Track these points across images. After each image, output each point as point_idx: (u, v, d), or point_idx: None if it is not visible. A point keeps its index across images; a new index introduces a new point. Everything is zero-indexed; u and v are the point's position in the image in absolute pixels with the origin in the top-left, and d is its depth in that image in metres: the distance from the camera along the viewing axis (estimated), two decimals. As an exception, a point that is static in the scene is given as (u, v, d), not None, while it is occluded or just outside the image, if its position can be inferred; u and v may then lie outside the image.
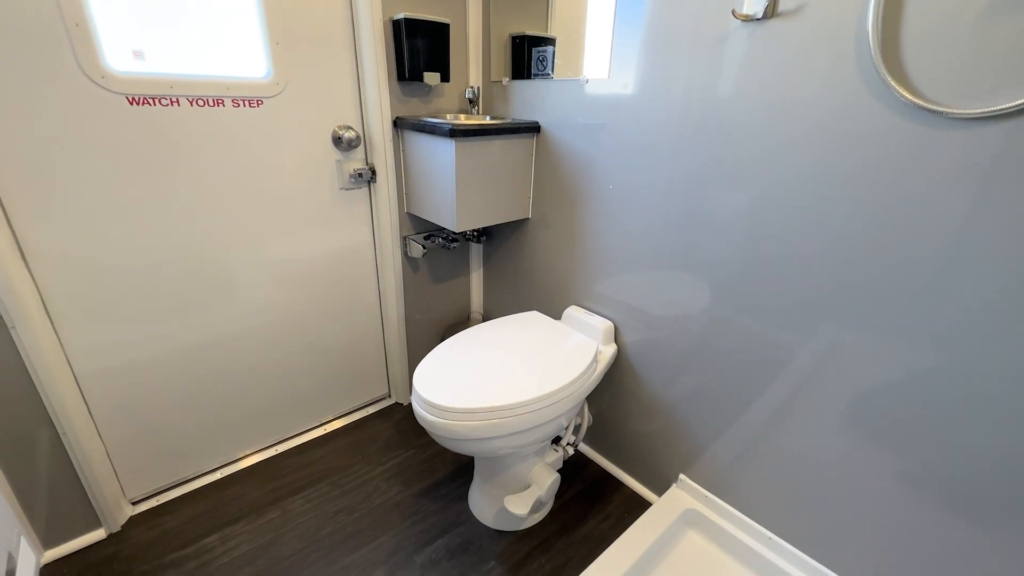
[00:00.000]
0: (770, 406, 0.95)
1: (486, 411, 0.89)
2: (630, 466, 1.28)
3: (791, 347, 0.89)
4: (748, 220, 0.88)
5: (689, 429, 1.11)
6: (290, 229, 1.20)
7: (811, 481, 0.92)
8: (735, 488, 1.05)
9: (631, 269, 1.11)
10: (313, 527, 1.13)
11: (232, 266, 1.14)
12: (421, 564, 1.05)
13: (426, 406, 0.91)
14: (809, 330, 0.87)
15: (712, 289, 0.97)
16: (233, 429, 1.28)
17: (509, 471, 1.09)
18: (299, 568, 1.03)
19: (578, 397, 1.01)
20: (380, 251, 1.37)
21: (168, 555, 1.05)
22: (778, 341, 0.91)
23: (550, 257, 1.31)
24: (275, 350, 1.28)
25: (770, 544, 1.00)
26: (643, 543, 1.01)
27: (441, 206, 1.19)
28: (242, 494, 1.21)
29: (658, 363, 1.13)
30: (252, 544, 1.08)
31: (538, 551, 1.09)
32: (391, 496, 1.22)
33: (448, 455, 1.36)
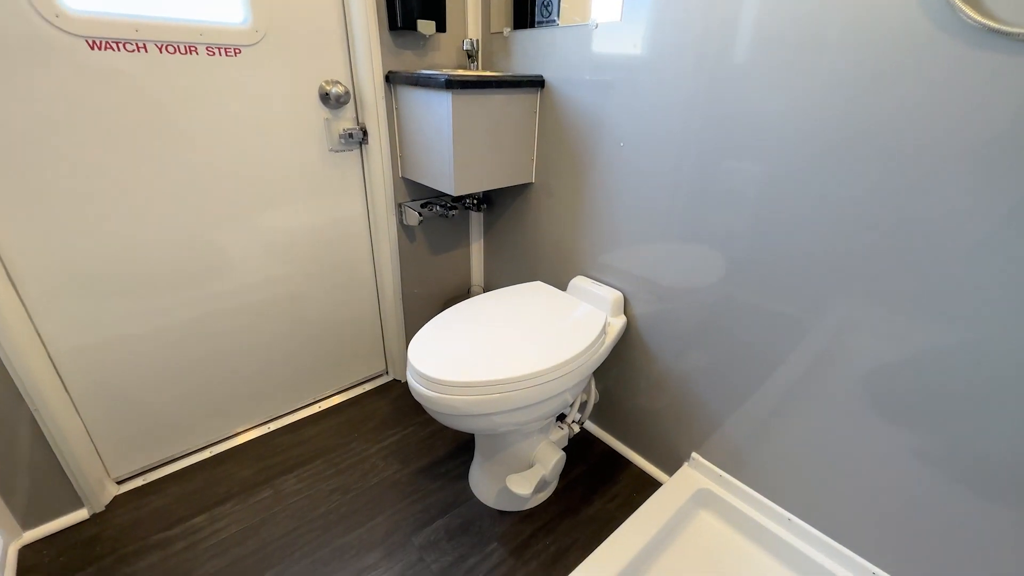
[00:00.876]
0: (787, 382, 0.88)
1: (486, 385, 0.82)
2: (639, 444, 1.22)
3: (807, 323, 0.83)
4: (765, 183, 0.80)
5: (702, 405, 1.04)
6: (275, 194, 1.11)
7: (831, 460, 0.86)
8: (751, 467, 0.99)
9: (641, 238, 1.03)
10: (306, 507, 1.07)
11: (216, 236, 1.06)
12: (419, 545, 1.00)
13: (422, 380, 0.84)
14: (826, 306, 0.80)
15: (726, 258, 0.89)
16: (223, 407, 1.22)
17: (511, 449, 1.03)
18: (291, 549, 0.98)
19: (585, 371, 0.94)
20: (374, 219, 1.29)
21: (154, 535, 1.00)
22: (794, 316, 0.83)
23: (555, 225, 1.23)
24: (265, 324, 1.21)
25: (789, 525, 0.94)
26: (654, 524, 0.95)
27: (438, 168, 1.10)
28: (232, 473, 1.16)
29: (669, 336, 1.05)
30: (242, 524, 1.03)
31: (542, 532, 1.04)
32: (388, 475, 1.17)
33: (448, 433, 1.30)
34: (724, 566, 0.94)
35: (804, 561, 0.91)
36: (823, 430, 0.86)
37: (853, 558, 0.86)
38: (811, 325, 0.83)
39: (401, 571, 0.95)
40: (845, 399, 0.82)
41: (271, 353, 1.26)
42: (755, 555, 0.96)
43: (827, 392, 0.83)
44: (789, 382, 0.88)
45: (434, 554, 0.98)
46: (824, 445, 0.86)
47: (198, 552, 0.97)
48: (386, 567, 0.95)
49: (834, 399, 0.83)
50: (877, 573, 0.83)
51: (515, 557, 0.98)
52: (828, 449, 0.86)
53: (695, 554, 0.96)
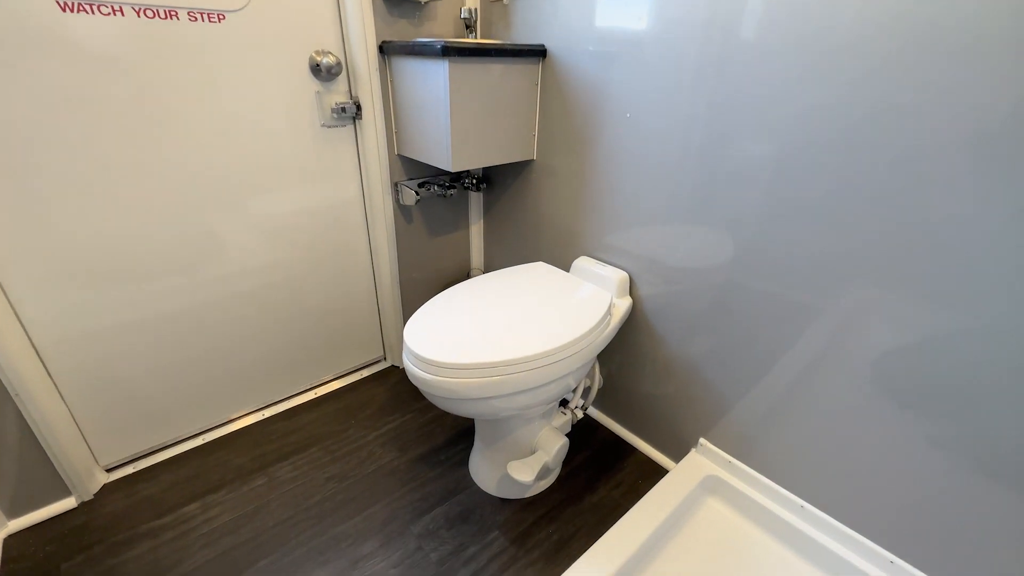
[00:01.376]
0: (799, 366, 0.84)
1: (486, 367, 0.78)
2: (644, 431, 1.19)
3: (819, 307, 0.79)
4: (775, 164, 0.75)
5: (710, 390, 1.00)
6: (264, 173, 1.06)
7: (844, 446, 0.82)
8: (762, 452, 0.95)
9: (648, 218, 0.98)
10: (301, 495, 1.04)
11: (205, 219, 1.01)
12: (418, 534, 0.96)
13: (418, 362, 0.80)
14: (839, 291, 0.76)
15: (736, 240, 0.85)
16: (216, 393, 1.18)
17: (513, 435, 0.99)
18: (285, 538, 0.95)
19: (589, 354, 0.90)
20: (369, 198, 1.24)
21: (144, 524, 0.97)
22: (806, 301, 0.79)
23: (557, 205, 1.18)
24: (259, 310, 1.17)
25: (802, 513, 0.90)
26: (661, 512, 0.92)
27: (434, 143, 1.05)
28: (226, 460, 1.12)
29: (677, 318, 1.01)
30: (235, 513, 1.00)
31: (544, 520, 1.00)
32: (386, 462, 1.13)
33: (447, 419, 1.27)
34: (734, 555, 0.91)
35: (817, 550, 0.87)
36: (836, 415, 0.82)
37: (869, 546, 0.82)
38: (823, 309, 0.78)
39: (399, 560, 0.91)
40: (858, 383, 0.77)
41: (265, 339, 1.22)
42: (766, 543, 0.93)
43: (840, 377, 0.79)
44: (801, 366, 0.84)
45: (433, 543, 0.95)
46: (837, 430, 0.82)
47: (189, 541, 0.94)
48: (383, 556, 0.92)
49: (847, 383, 0.79)
50: (896, 561, 0.80)
51: (517, 546, 0.95)
52: (841, 434, 0.82)
53: (703, 542, 0.93)
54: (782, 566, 0.89)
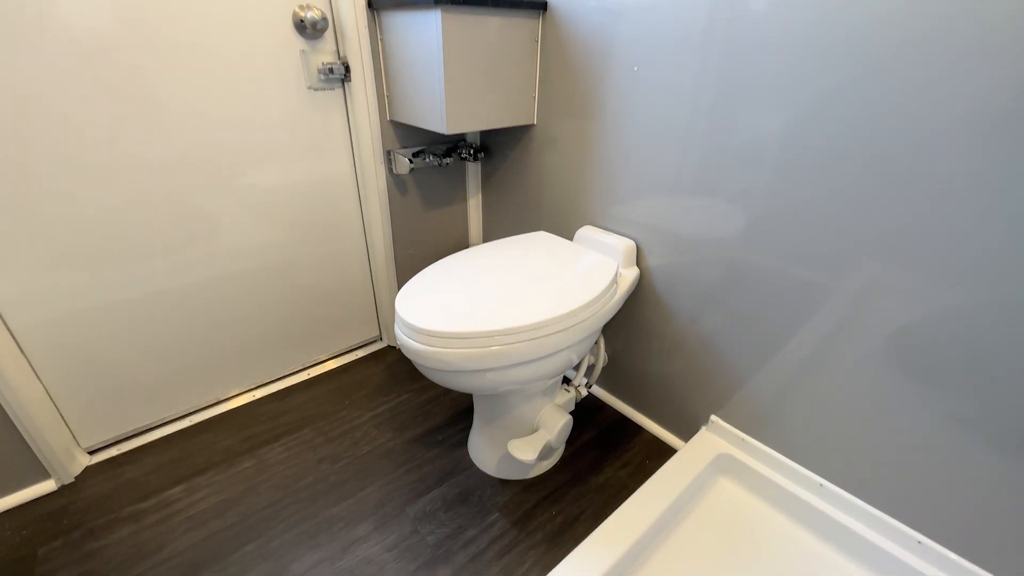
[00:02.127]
0: (816, 337, 0.78)
1: (482, 336, 0.72)
2: (651, 409, 1.13)
3: (834, 280, 0.73)
4: (786, 133, 0.68)
5: (723, 364, 0.94)
6: (247, 140, 1.00)
7: (867, 421, 0.76)
8: (778, 429, 0.89)
9: (656, 184, 0.92)
10: (292, 477, 0.99)
11: (189, 194, 0.95)
12: (414, 516, 0.91)
13: (410, 332, 0.75)
14: (854, 264, 0.70)
15: (748, 202, 0.78)
16: (204, 374, 1.13)
17: (513, 413, 0.94)
18: (274, 522, 0.90)
19: (594, 325, 0.84)
20: (360, 167, 1.18)
21: (126, 508, 0.92)
22: (822, 272, 0.73)
23: (559, 174, 1.11)
24: (247, 288, 1.11)
25: (821, 492, 0.85)
26: (670, 492, 0.86)
27: (428, 104, 0.99)
28: (213, 442, 1.07)
29: (686, 291, 0.95)
30: (221, 496, 0.95)
31: (547, 502, 0.95)
32: (381, 443, 1.08)
33: (445, 399, 1.22)
34: (748, 537, 0.86)
35: (839, 530, 0.82)
36: (857, 388, 0.76)
37: (895, 526, 0.77)
38: (838, 283, 0.72)
39: (394, 543, 0.87)
40: (878, 357, 0.71)
41: (254, 318, 1.16)
42: (782, 525, 0.87)
43: (859, 349, 0.73)
44: (818, 337, 0.78)
45: (430, 525, 0.90)
46: (858, 405, 0.77)
47: (173, 524, 0.89)
48: (377, 539, 0.87)
49: (867, 356, 0.73)
50: (924, 542, 0.74)
51: (518, 528, 0.90)
52: (863, 409, 0.76)
53: (716, 524, 0.88)
54: (800, 548, 0.84)
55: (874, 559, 0.79)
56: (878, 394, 0.74)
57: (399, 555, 0.85)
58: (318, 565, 0.83)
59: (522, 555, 0.85)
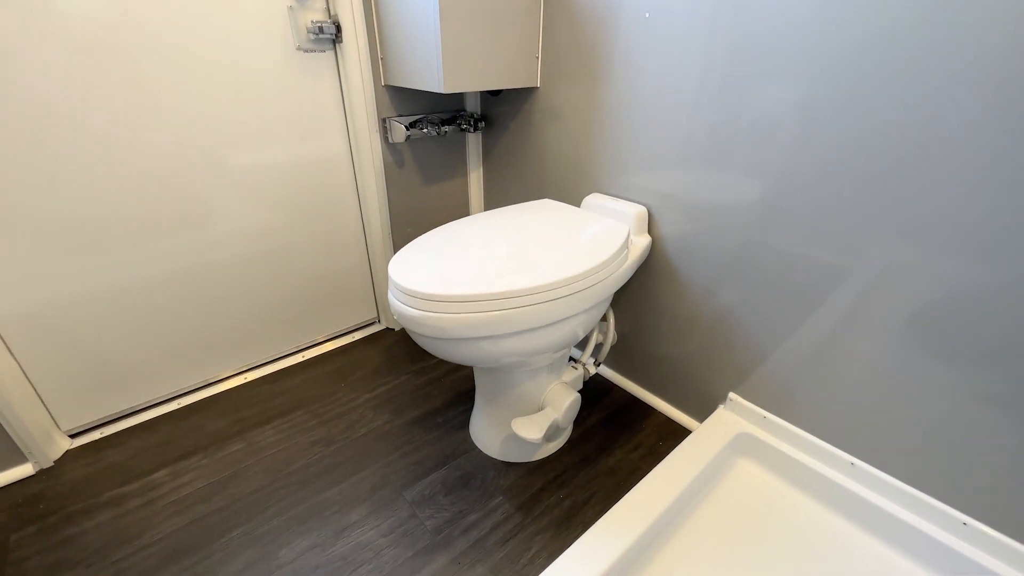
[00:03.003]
0: (843, 305, 0.71)
1: (483, 300, 0.66)
2: (664, 389, 1.06)
3: (858, 253, 0.65)
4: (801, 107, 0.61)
5: (742, 339, 0.87)
6: (233, 108, 0.94)
7: (902, 394, 0.70)
8: (804, 405, 0.83)
9: (670, 147, 0.85)
10: (283, 460, 0.94)
11: (172, 170, 0.89)
12: (412, 500, 0.86)
13: (404, 296, 0.69)
14: (878, 237, 0.63)
15: (766, 161, 0.71)
16: (192, 355, 1.08)
17: (518, 390, 0.88)
18: (262, 506, 0.84)
19: (602, 292, 0.78)
20: (354, 137, 1.11)
21: (106, 492, 0.87)
22: (846, 242, 0.66)
23: (564, 142, 1.05)
24: (238, 268, 1.06)
25: (852, 472, 0.78)
26: (686, 473, 0.80)
27: (423, 62, 0.92)
28: (201, 425, 1.02)
29: (702, 262, 0.88)
30: (208, 479, 0.89)
31: (554, 485, 0.89)
32: (378, 425, 1.02)
33: (446, 381, 1.16)
34: (773, 521, 0.79)
35: (873, 513, 0.75)
36: (889, 360, 0.69)
37: (936, 506, 0.70)
38: (862, 255, 0.65)
39: (390, 529, 0.81)
40: (908, 325, 0.65)
41: (245, 298, 1.10)
42: (810, 508, 0.81)
43: (888, 320, 0.67)
44: (846, 305, 0.71)
45: (429, 509, 0.84)
46: (892, 377, 0.70)
47: (156, 509, 0.84)
48: (372, 524, 0.81)
49: (896, 326, 0.66)
50: (970, 523, 0.68)
51: (523, 512, 0.84)
52: (896, 382, 0.70)
53: (737, 507, 0.81)
54: (830, 532, 0.77)
55: (913, 542, 0.72)
56: (913, 365, 0.68)
57: (396, 540, 0.79)
58: (309, 551, 0.77)
59: (527, 540, 0.79)
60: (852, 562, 0.73)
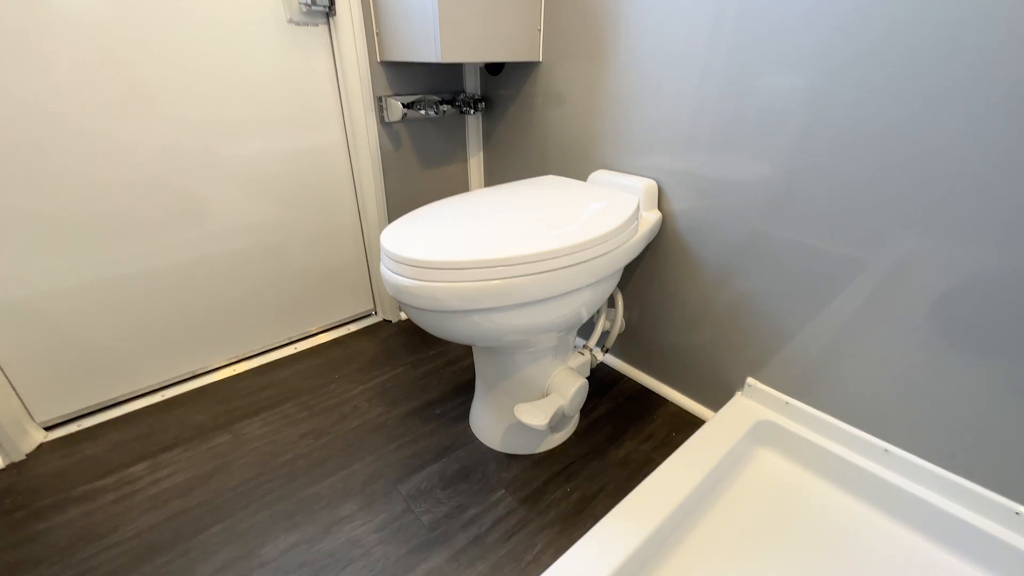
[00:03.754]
0: (873, 281, 0.65)
1: (482, 267, 0.60)
2: (676, 378, 1.00)
3: (883, 236, 0.59)
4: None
5: (761, 322, 0.82)
6: (221, 82, 0.90)
7: (936, 373, 0.64)
8: (830, 389, 0.76)
9: (681, 123, 0.80)
10: (270, 453, 0.88)
11: (157, 147, 0.85)
12: (407, 494, 0.79)
13: (396, 265, 0.63)
14: (905, 218, 0.56)
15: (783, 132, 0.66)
16: (179, 345, 1.02)
17: (520, 375, 0.82)
18: (245, 500, 0.78)
19: (610, 264, 0.72)
20: (349, 115, 1.07)
21: (79, 487, 0.81)
22: (870, 224, 0.60)
23: (569, 120, 1.00)
24: (228, 255, 1.01)
25: (886, 459, 0.72)
26: (705, 461, 0.74)
27: (420, 31, 0.88)
28: (186, 418, 0.96)
29: (716, 241, 0.83)
30: (189, 473, 0.83)
31: (560, 478, 0.83)
32: (372, 417, 0.96)
33: (445, 372, 1.10)
34: (801, 516, 0.72)
35: (912, 504, 0.69)
36: (927, 334, 0.63)
37: (987, 496, 0.64)
38: (886, 239, 0.60)
39: (383, 524, 0.74)
40: (944, 303, 0.59)
41: (235, 288, 1.05)
42: (841, 501, 0.74)
43: (923, 294, 0.61)
44: (876, 281, 0.66)
45: (425, 504, 0.78)
46: (929, 354, 0.64)
47: (131, 504, 0.77)
48: (364, 519, 0.75)
49: (931, 301, 0.60)
50: (1022, 512, 0.61)
51: (527, 506, 0.77)
52: (935, 359, 0.64)
53: (760, 502, 0.75)
54: (864, 527, 0.70)
55: (957, 535, 0.65)
56: (955, 340, 0.61)
57: (389, 536, 0.72)
58: (294, 548, 0.71)
59: (532, 536, 0.72)
60: (889, 557, 0.66)
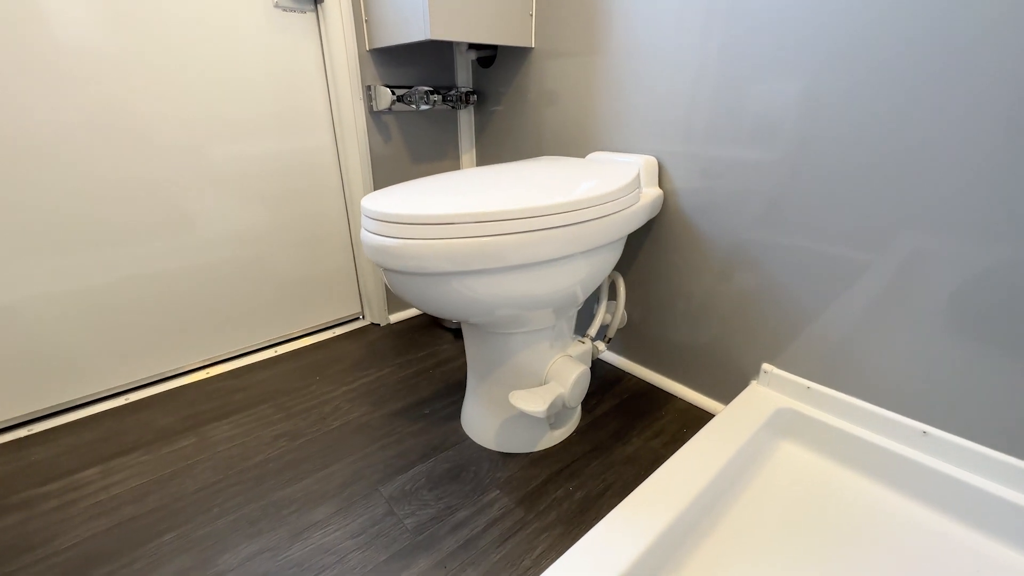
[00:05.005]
0: (905, 254, 0.60)
1: (469, 221, 0.55)
2: (683, 373, 0.93)
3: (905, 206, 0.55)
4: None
5: (775, 303, 0.76)
6: (205, 64, 0.87)
7: (981, 345, 0.58)
8: (858, 371, 0.70)
9: (680, 104, 0.77)
10: (238, 456, 0.79)
11: (141, 141, 0.81)
12: (389, 496, 0.71)
13: (376, 224, 0.57)
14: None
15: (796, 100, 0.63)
16: (147, 346, 0.95)
17: (516, 361, 0.75)
18: (205, 506, 0.69)
19: (609, 231, 0.66)
20: (336, 105, 1.04)
21: (18, 494, 0.71)
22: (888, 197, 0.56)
23: (563, 107, 0.97)
24: (206, 253, 0.95)
25: (924, 442, 0.64)
26: (720, 453, 0.66)
27: (408, 8, 0.86)
28: (149, 421, 0.88)
29: (724, 218, 0.78)
30: (145, 478, 0.74)
31: (562, 476, 0.74)
32: (355, 417, 0.88)
33: (436, 373, 1.02)
34: (833, 514, 0.64)
35: (957, 491, 0.61)
36: (964, 304, 0.57)
37: (1042, 477, 0.56)
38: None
39: (361, 528, 0.65)
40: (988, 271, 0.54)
41: (210, 287, 0.99)
42: (877, 494, 0.66)
43: (965, 259, 0.56)
44: (907, 254, 0.61)
45: (409, 506, 0.69)
46: (972, 322, 0.58)
47: (75, 511, 0.68)
48: (339, 524, 0.66)
49: (976, 265, 0.55)
50: (1091, 494, 0.53)
51: (524, 507, 0.69)
52: (978, 327, 0.57)
53: (786, 500, 0.67)
54: (906, 519, 0.62)
55: (1012, 523, 0.57)
56: (996, 310, 0.56)
57: (367, 542, 0.63)
58: (256, 556, 0.61)
59: (531, 539, 0.64)
60: (935, 550, 0.58)
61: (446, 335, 1.18)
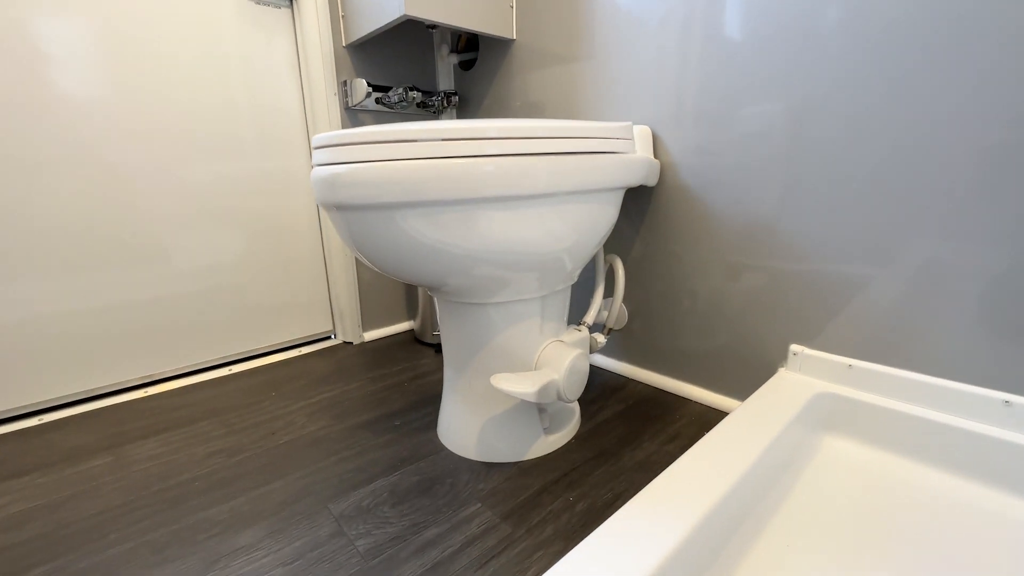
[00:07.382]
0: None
1: (433, 139, 0.46)
2: (697, 374, 0.80)
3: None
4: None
5: (803, 274, 0.66)
6: (174, 63, 0.82)
7: None
8: (911, 341, 0.58)
9: (666, 81, 0.73)
10: (157, 476, 0.64)
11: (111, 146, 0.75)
12: (340, 515, 0.55)
13: (329, 152, 0.48)
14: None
15: None
16: (66, 363, 0.82)
17: (500, 342, 0.63)
18: (100, 533, 0.53)
19: (599, 176, 0.57)
20: (311, 105, 0.99)
21: None
22: None
23: (548, 103, 0.93)
24: (155, 262, 0.85)
25: (1006, 414, 0.51)
26: (750, 445, 0.53)
27: (383, -9, 0.83)
28: (60, 441, 0.73)
29: (730, 188, 0.70)
30: (33, 502, 0.59)
31: (559, 486, 0.59)
32: (310, 432, 0.74)
33: (410, 386, 0.88)
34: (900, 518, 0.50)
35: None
36: None
37: None
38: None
39: (295, 553, 0.50)
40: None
41: (156, 297, 0.88)
42: (950, 483, 0.52)
43: None
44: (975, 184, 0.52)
45: (364, 525, 0.53)
46: None
47: (-75, 545, 0.52)
48: (269, 548, 0.50)
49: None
50: None
51: (512, 522, 0.53)
52: None
53: (839, 504, 0.52)
54: (990, 511, 0.48)
55: None
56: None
57: (303, 569, 0.48)
58: (150, 593, 0.46)
59: (521, 559, 0.48)
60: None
61: (427, 350, 1.06)
